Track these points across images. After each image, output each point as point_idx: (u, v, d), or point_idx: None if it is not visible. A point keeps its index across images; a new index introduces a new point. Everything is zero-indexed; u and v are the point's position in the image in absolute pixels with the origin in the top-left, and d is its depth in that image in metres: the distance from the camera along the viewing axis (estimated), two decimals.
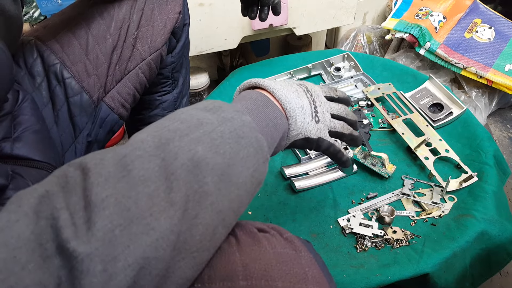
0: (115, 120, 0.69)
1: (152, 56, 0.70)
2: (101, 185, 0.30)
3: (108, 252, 0.28)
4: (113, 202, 0.29)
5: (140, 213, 0.30)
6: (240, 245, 0.37)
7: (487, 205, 0.70)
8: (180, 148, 0.34)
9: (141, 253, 0.29)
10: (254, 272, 0.35)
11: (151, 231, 0.30)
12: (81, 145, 0.65)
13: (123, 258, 0.28)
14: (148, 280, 0.30)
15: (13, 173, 0.46)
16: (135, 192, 0.30)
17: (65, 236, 0.27)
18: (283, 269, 0.36)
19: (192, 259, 0.33)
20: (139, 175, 0.31)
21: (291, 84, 0.53)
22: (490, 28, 1.25)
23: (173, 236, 0.31)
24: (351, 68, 1.05)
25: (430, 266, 0.63)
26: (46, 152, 0.54)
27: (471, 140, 0.84)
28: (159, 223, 0.30)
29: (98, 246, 0.27)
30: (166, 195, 0.31)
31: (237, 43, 1.17)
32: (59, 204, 0.29)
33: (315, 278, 0.36)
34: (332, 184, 0.80)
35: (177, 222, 0.31)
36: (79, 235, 0.27)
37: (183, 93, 0.87)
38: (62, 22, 0.64)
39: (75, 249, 0.27)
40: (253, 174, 0.38)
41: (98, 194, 0.29)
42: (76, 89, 0.62)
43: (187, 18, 0.77)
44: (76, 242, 0.27)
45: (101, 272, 0.27)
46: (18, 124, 0.53)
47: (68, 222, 0.28)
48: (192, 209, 0.32)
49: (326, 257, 0.67)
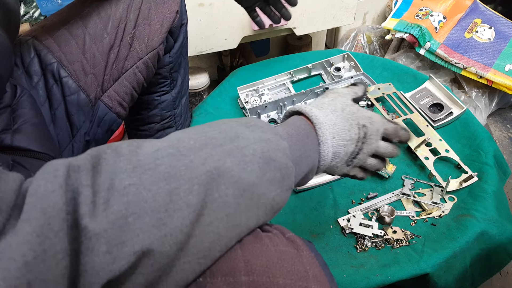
0: (113, 119, 0.70)
1: (149, 55, 0.70)
2: (128, 172, 0.31)
3: (115, 236, 0.29)
4: (133, 191, 0.30)
5: (156, 207, 0.31)
6: (241, 242, 0.38)
7: (487, 205, 0.70)
8: (211, 155, 0.35)
9: (148, 244, 0.30)
10: (255, 268, 0.35)
11: (162, 226, 0.31)
12: (79, 144, 0.66)
13: (130, 244, 0.29)
14: (149, 270, 0.31)
15: (13, 162, 0.47)
16: (156, 187, 0.31)
17: (81, 212, 0.28)
18: (285, 267, 0.36)
19: (198, 265, 0.34)
20: (164, 171, 0.32)
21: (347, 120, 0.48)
22: (490, 28, 1.25)
23: (182, 236, 0.32)
24: (351, 68, 1.05)
25: (430, 266, 0.63)
26: (45, 143, 0.56)
27: (471, 140, 0.84)
28: (172, 220, 0.31)
29: (107, 228, 0.29)
30: (185, 196, 0.32)
31: (237, 43, 1.17)
32: (86, 181, 0.30)
33: (316, 277, 0.36)
34: (332, 184, 0.80)
35: (189, 223, 0.32)
36: (94, 214, 0.29)
37: (182, 93, 0.87)
38: (59, 21, 0.64)
39: (86, 226, 0.28)
40: (274, 198, 0.38)
41: (122, 180, 0.30)
42: (73, 88, 0.63)
43: (185, 18, 0.77)
44: (89, 219, 0.28)
45: (104, 253, 0.28)
46: (18, 116, 0.54)
47: (88, 199, 0.29)
48: (207, 216, 0.33)
49: (326, 257, 0.67)
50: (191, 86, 1.28)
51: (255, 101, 0.98)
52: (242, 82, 1.02)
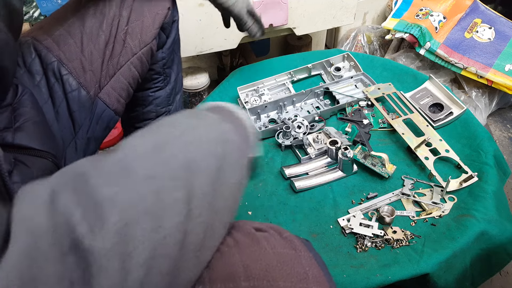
0: (111, 115, 0.71)
1: (143, 50, 0.72)
2: (105, 184, 0.30)
3: (122, 249, 0.28)
4: (121, 198, 0.29)
5: (149, 209, 0.30)
6: (239, 246, 0.38)
7: (487, 205, 0.70)
8: (178, 149, 0.35)
9: (152, 250, 0.29)
10: (255, 272, 0.35)
11: (159, 229, 0.30)
12: (81, 141, 0.67)
13: (136, 255, 0.28)
14: (159, 279, 0.30)
15: (15, 160, 0.47)
16: (143, 189, 0.31)
17: (79, 232, 0.27)
18: (284, 269, 0.36)
19: (196, 258, 0.34)
20: (142, 173, 0.32)
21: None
22: (490, 28, 1.25)
23: (180, 235, 0.31)
24: (351, 68, 1.05)
25: (430, 266, 0.63)
26: (47, 142, 0.56)
27: (471, 140, 0.84)
28: (166, 221, 0.31)
29: (114, 242, 0.27)
30: (171, 194, 0.32)
31: (237, 43, 1.17)
32: (72, 201, 0.29)
33: (316, 278, 0.36)
34: (332, 184, 0.80)
35: (184, 220, 0.32)
36: (95, 231, 0.27)
37: (176, 90, 0.88)
38: (57, 22, 0.66)
39: (91, 245, 0.27)
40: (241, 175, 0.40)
41: (104, 192, 0.29)
42: (73, 85, 0.64)
43: (176, 15, 0.79)
44: (93, 238, 0.27)
45: (119, 270, 0.27)
46: (19, 115, 0.54)
47: (81, 219, 0.28)
48: (196, 209, 0.33)
49: (326, 257, 0.67)
50: (191, 86, 1.28)
51: (255, 101, 0.98)
52: (242, 82, 1.02)
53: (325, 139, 0.86)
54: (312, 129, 0.90)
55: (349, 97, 0.96)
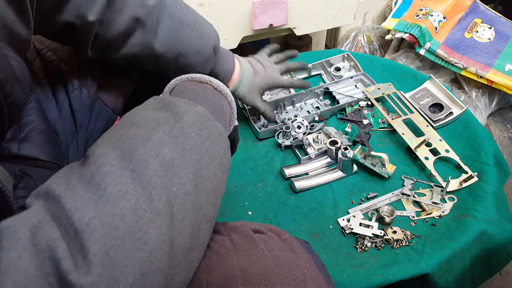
0: (109, 114, 0.71)
1: None
2: (80, 210, 0.29)
3: (109, 276, 0.27)
4: (99, 223, 0.28)
5: (129, 229, 0.29)
6: (236, 249, 0.37)
7: (487, 205, 0.70)
8: (147, 155, 0.33)
9: (139, 270, 0.28)
10: (253, 277, 0.35)
11: (143, 246, 0.29)
12: (82, 139, 0.67)
13: (123, 279, 0.28)
14: None
15: (21, 173, 0.47)
16: (119, 209, 0.29)
17: (65, 268, 0.26)
18: (282, 272, 0.35)
19: (185, 261, 0.33)
20: (116, 191, 0.30)
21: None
22: (490, 28, 1.25)
23: (166, 246, 0.31)
24: (351, 68, 1.05)
25: (430, 266, 0.63)
26: (52, 151, 0.56)
27: (471, 140, 0.84)
28: (149, 236, 0.30)
29: (99, 273, 0.27)
30: (149, 206, 0.31)
31: (237, 43, 1.17)
32: (54, 234, 0.28)
33: (314, 280, 0.36)
34: (332, 184, 0.80)
35: (167, 230, 0.31)
36: (79, 265, 0.27)
37: None
38: None
39: (77, 281, 0.26)
40: (221, 162, 0.38)
41: (80, 219, 0.28)
42: (75, 83, 0.65)
43: None
44: (77, 273, 0.26)
45: None
46: (24, 125, 0.54)
47: (66, 252, 0.27)
48: (178, 213, 0.32)
49: (326, 257, 0.67)
50: None
51: None
52: None
53: (325, 139, 0.86)
54: (312, 129, 0.90)
55: (349, 97, 0.96)
